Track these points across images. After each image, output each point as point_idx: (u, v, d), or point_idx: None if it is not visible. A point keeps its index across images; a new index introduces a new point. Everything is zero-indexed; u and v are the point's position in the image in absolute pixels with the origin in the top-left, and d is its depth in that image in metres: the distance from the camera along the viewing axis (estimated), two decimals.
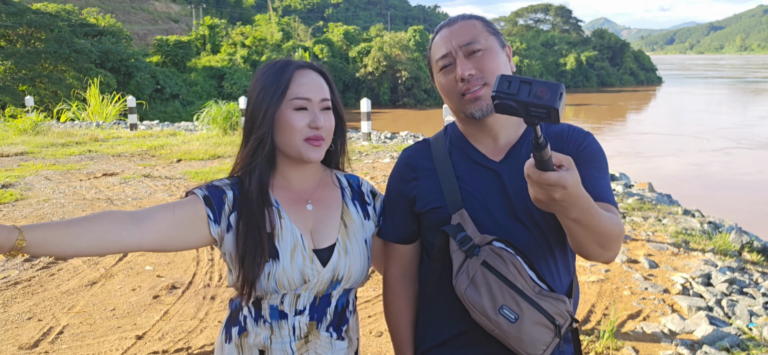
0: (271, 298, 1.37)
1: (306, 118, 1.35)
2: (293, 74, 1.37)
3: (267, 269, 1.33)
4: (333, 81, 1.44)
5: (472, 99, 1.34)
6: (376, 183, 7.39)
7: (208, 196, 1.35)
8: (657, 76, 64.48)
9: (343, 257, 1.41)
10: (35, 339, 3.42)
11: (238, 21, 59.46)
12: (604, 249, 1.21)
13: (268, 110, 1.35)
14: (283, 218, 1.39)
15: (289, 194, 1.43)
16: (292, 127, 1.35)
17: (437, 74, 1.41)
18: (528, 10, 72.77)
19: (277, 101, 1.35)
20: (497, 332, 1.25)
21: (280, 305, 1.38)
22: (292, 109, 1.35)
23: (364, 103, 11.70)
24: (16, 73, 25.74)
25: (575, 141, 1.38)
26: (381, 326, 3.57)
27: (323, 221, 1.43)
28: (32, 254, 1.13)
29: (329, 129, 1.39)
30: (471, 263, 1.27)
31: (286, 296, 1.37)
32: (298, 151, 1.36)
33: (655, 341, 3.38)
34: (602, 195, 1.30)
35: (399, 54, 37.64)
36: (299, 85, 1.36)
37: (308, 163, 1.40)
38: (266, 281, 1.33)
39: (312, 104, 1.36)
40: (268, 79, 1.38)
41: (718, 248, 5.15)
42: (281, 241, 1.36)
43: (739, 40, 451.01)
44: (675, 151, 17.54)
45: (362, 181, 1.57)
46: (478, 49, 1.34)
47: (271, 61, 1.44)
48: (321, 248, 1.40)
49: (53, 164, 8.92)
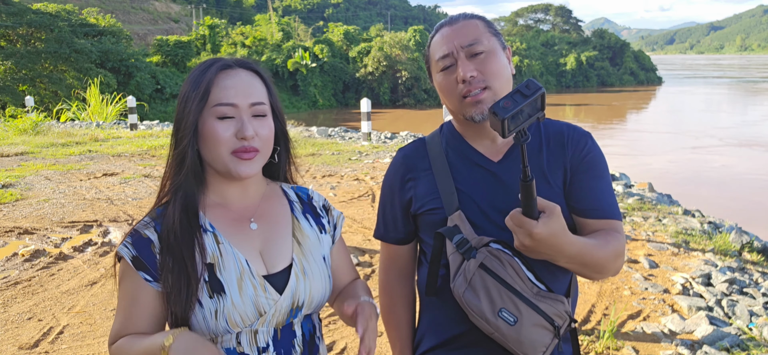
0: (223, 340, 1.16)
1: (231, 128, 1.15)
2: (215, 76, 1.16)
3: (213, 306, 1.12)
4: (270, 79, 1.25)
5: (473, 102, 1.31)
6: (377, 183, 7.39)
7: (136, 256, 1.15)
8: (657, 76, 64.43)
9: (301, 280, 1.22)
10: (35, 339, 3.42)
11: (238, 21, 59.44)
12: (602, 274, 1.28)
13: (188, 119, 1.15)
14: (221, 242, 1.18)
15: (227, 214, 1.22)
16: (215, 139, 1.14)
17: (436, 74, 1.38)
18: (528, 10, 72.72)
19: (197, 109, 1.15)
20: (496, 335, 1.24)
21: (238, 346, 1.16)
22: (215, 118, 1.15)
23: (364, 103, 11.70)
24: (17, 73, 25.75)
25: (576, 144, 1.37)
26: (381, 326, 3.57)
27: (272, 241, 1.24)
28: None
29: (265, 138, 1.18)
30: (468, 265, 1.26)
31: (241, 334, 1.16)
32: (226, 166, 1.16)
33: (655, 341, 3.38)
34: (605, 209, 1.33)
35: (399, 54, 37.62)
36: (222, 88, 1.16)
37: (241, 179, 1.20)
38: (214, 321, 1.12)
39: (238, 110, 1.16)
40: (190, 82, 1.18)
41: (718, 248, 5.14)
42: (223, 271, 1.15)
43: (739, 40, 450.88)
44: (675, 151, 17.53)
45: (313, 192, 1.38)
46: (481, 51, 1.31)
47: (202, 61, 1.23)
48: (274, 273, 1.20)
49: (53, 164, 8.93)
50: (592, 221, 1.33)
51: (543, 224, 1.12)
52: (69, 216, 5.98)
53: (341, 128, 15.57)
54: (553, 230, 1.12)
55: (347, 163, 9.02)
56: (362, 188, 7.17)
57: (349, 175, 8.00)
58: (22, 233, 5.44)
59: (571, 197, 1.34)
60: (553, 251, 1.16)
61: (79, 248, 4.99)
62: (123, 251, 1.16)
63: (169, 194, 1.20)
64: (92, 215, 6.03)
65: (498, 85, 1.32)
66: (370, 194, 6.87)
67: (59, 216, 5.99)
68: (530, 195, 1.10)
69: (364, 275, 4.35)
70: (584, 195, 1.33)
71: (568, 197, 1.34)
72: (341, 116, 31.62)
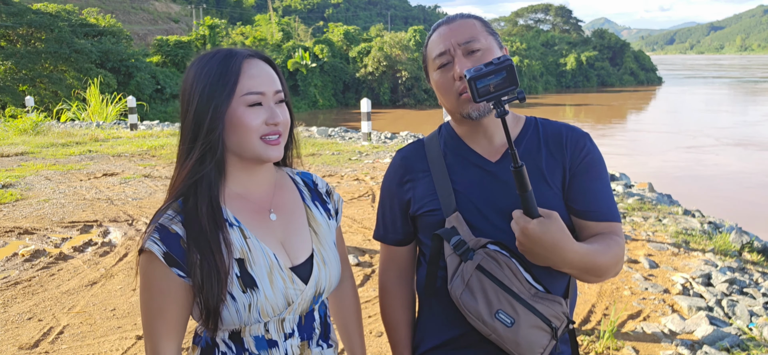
0: (252, 329, 1.22)
1: (262, 115, 1.19)
2: (242, 65, 1.19)
3: (246, 300, 1.17)
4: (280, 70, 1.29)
5: (469, 99, 1.31)
6: (377, 183, 7.40)
7: (167, 252, 1.15)
8: (657, 77, 64.41)
9: (322, 269, 1.28)
10: (35, 339, 3.42)
11: (238, 21, 59.47)
12: (602, 279, 1.29)
13: (220, 108, 1.17)
14: (248, 237, 1.22)
15: (247, 205, 1.26)
16: (246, 126, 1.18)
17: (433, 72, 1.38)
18: (528, 10, 72.69)
19: (226, 98, 1.17)
20: (494, 337, 1.24)
21: (266, 334, 1.22)
22: (245, 106, 1.18)
23: (364, 104, 11.70)
24: (17, 73, 25.74)
25: (575, 145, 1.37)
26: (381, 326, 3.57)
27: (292, 232, 1.29)
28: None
29: (286, 123, 1.25)
30: (466, 267, 1.26)
31: (269, 323, 1.22)
32: (255, 152, 1.20)
33: (655, 341, 3.38)
34: (605, 211, 1.34)
35: (399, 54, 37.62)
36: (250, 77, 1.19)
37: (265, 163, 1.26)
38: (247, 314, 1.17)
39: (266, 98, 1.20)
40: (212, 72, 1.19)
41: (719, 248, 5.14)
42: (254, 266, 1.19)
43: (739, 40, 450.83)
44: (675, 151, 17.53)
45: (317, 178, 1.44)
46: (477, 49, 1.31)
47: (206, 51, 1.24)
48: (298, 264, 1.26)
49: (53, 164, 8.93)
50: (592, 224, 1.33)
51: (538, 223, 1.14)
52: (69, 216, 5.98)
53: (341, 128, 15.58)
54: (549, 233, 1.14)
55: (347, 163, 9.02)
56: (362, 188, 7.17)
57: (349, 175, 8.00)
58: (22, 233, 5.44)
59: (571, 198, 1.34)
60: (554, 255, 1.17)
61: (79, 248, 4.99)
62: (153, 248, 1.14)
63: (188, 187, 1.19)
64: (92, 215, 6.03)
65: None
66: (370, 194, 6.87)
67: (59, 216, 5.99)
68: (522, 185, 1.14)
69: (365, 275, 4.35)
70: (583, 197, 1.33)
71: (567, 199, 1.35)
72: (341, 116, 31.62)
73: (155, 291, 1.17)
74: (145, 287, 1.18)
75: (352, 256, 4.66)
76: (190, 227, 1.16)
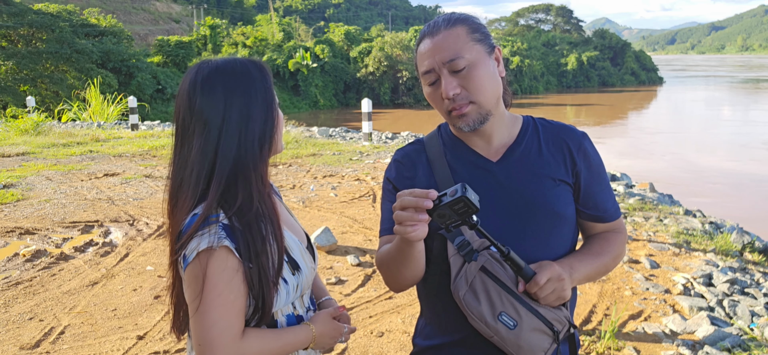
0: (284, 309, 1.32)
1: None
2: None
3: (295, 282, 1.30)
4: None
5: (458, 116, 1.31)
6: (377, 183, 7.40)
7: (238, 247, 1.20)
8: (658, 77, 64.33)
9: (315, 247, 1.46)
10: (36, 339, 3.42)
11: (239, 21, 59.45)
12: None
13: (276, 108, 1.32)
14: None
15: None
16: (282, 126, 1.37)
17: (424, 85, 1.37)
18: (529, 10, 72.65)
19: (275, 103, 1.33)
20: (496, 339, 1.24)
21: (294, 310, 1.34)
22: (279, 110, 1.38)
23: (365, 104, 11.69)
24: (18, 73, 25.77)
25: (576, 146, 1.39)
26: (381, 326, 3.57)
27: (287, 217, 1.42)
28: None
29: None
30: (469, 268, 1.26)
31: (295, 300, 1.35)
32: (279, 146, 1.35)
33: (656, 341, 3.38)
34: (610, 213, 1.43)
35: (400, 54, 37.61)
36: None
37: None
38: (295, 294, 1.31)
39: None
40: (260, 88, 1.29)
41: (720, 248, 5.14)
42: (292, 250, 1.32)
43: (740, 40, 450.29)
44: (676, 151, 17.51)
45: None
46: (463, 67, 1.28)
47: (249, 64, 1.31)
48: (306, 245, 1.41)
49: (54, 165, 8.93)
50: (600, 225, 1.44)
51: (541, 275, 1.25)
52: (70, 216, 5.99)
53: (342, 128, 15.57)
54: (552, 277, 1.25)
55: (348, 163, 9.01)
56: (363, 188, 7.17)
57: (350, 175, 8.00)
58: (23, 234, 5.44)
59: (581, 203, 1.41)
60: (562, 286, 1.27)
61: (81, 249, 4.99)
62: (227, 243, 1.17)
63: (235, 180, 1.23)
64: (93, 215, 6.03)
65: (483, 98, 1.30)
66: (371, 194, 6.87)
67: (60, 216, 5.99)
68: (515, 264, 1.24)
69: (365, 276, 4.35)
70: (594, 204, 1.40)
71: (577, 204, 1.41)
72: (342, 116, 31.62)
73: (226, 286, 1.17)
74: (221, 283, 1.18)
75: (352, 256, 4.65)
76: (247, 219, 1.21)
